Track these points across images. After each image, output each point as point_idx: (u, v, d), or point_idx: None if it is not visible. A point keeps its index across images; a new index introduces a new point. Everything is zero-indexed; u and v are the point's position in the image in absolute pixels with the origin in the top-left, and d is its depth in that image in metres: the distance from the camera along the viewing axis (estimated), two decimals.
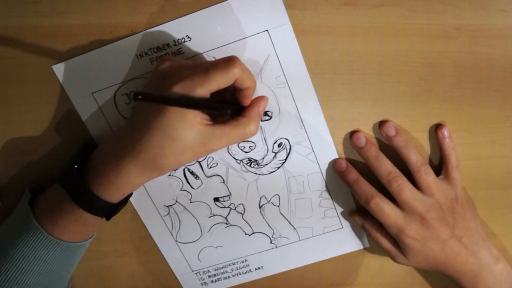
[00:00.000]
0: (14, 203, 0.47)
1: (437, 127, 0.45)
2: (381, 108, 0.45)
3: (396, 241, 0.46)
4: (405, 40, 0.42)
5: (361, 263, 0.53)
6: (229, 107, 0.39)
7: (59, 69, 0.43)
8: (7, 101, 0.45)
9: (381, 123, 0.45)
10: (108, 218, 0.43)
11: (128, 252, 0.52)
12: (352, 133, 0.46)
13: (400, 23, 0.42)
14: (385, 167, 0.45)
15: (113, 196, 0.40)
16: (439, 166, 0.47)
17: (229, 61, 0.36)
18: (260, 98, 0.41)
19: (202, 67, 0.37)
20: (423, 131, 0.46)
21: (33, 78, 0.44)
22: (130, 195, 0.44)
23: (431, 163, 0.47)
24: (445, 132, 0.45)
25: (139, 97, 0.34)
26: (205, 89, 0.36)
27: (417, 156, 0.44)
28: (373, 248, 0.52)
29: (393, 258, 0.48)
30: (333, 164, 0.47)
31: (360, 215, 0.49)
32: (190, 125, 0.36)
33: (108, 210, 0.42)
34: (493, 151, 0.46)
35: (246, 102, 0.39)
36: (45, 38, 0.42)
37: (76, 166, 0.40)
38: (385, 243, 0.47)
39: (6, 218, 0.45)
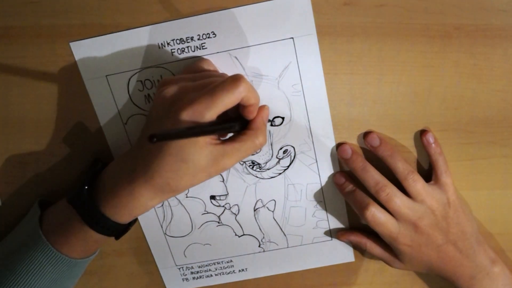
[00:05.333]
0: (14, 203, 0.47)
1: (421, 133, 0.45)
2: (381, 108, 0.45)
3: (389, 247, 0.47)
4: (405, 40, 0.42)
5: (361, 263, 0.53)
6: (235, 124, 0.39)
7: (76, 46, 0.43)
8: (8, 101, 0.45)
9: (365, 134, 0.45)
10: (117, 238, 0.43)
11: (127, 252, 0.52)
12: (338, 145, 0.46)
13: (400, 23, 0.42)
14: (372, 177, 0.44)
15: (124, 217, 0.40)
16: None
17: (235, 81, 0.36)
18: (262, 108, 0.40)
19: (208, 88, 0.36)
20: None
21: (33, 78, 0.44)
22: None
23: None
24: (429, 138, 0.45)
25: (155, 139, 0.33)
26: (213, 112, 0.36)
27: (404, 164, 0.44)
28: None
29: (389, 264, 0.48)
30: (333, 178, 0.47)
31: (344, 233, 0.49)
32: (200, 147, 0.37)
33: (119, 230, 0.42)
34: (493, 151, 0.46)
35: (252, 116, 0.40)
36: (45, 38, 0.42)
37: (86, 187, 0.41)
38: (378, 250, 0.48)
39: (12, 228, 0.46)
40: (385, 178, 0.45)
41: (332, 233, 0.51)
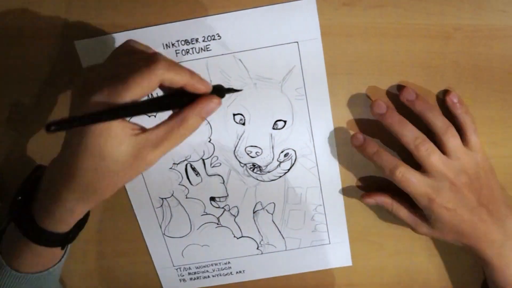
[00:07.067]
0: None
1: (444, 94, 0.43)
2: None
3: (415, 210, 0.44)
4: (405, 40, 0.42)
5: (361, 263, 0.53)
6: (162, 105, 0.34)
7: (80, 45, 0.43)
8: (7, 101, 0.45)
9: (400, 89, 0.43)
10: (62, 247, 0.40)
11: (127, 252, 0.52)
12: (372, 102, 0.43)
13: (400, 23, 0.42)
14: (411, 132, 0.41)
15: (58, 227, 0.37)
16: None
17: (149, 63, 0.32)
18: (205, 99, 0.35)
19: (122, 74, 0.32)
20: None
21: (33, 78, 0.44)
22: (84, 222, 0.41)
23: None
24: (453, 98, 0.42)
25: (52, 128, 0.29)
26: (126, 97, 0.31)
27: (443, 118, 0.42)
28: (373, 249, 0.52)
29: (414, 229, 0.45)
30: (350, 140, 0.45)
31: (370, 194, 0.46)
32: (119, 140, 0.32)
33: (59, 241, 0.39)
34: (493, 151, 0.46)
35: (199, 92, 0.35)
36: (45, 38, 0.42)
37: (20, 198, 0.38)
38: (404, 213, 0.45)
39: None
40: (422, 133, 0.42)
41: (330, 237, 0.51)
